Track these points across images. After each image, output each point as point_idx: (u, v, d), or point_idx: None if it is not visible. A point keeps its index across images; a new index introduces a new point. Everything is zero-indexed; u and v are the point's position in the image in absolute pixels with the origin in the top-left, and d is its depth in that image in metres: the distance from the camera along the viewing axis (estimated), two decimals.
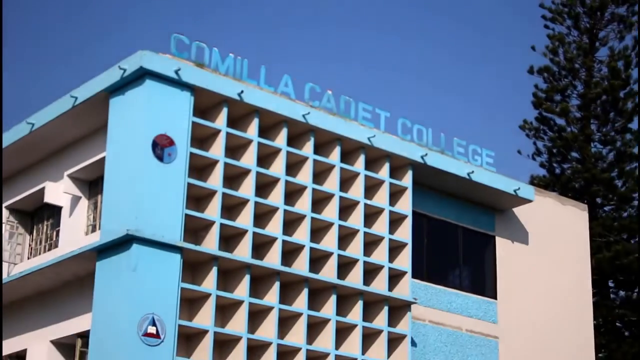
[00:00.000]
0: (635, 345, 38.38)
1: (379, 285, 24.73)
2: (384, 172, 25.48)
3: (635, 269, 39.43)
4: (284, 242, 23.26)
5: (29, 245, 25.84)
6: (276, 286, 22.82)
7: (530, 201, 28.40)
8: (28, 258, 25.56)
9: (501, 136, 66.90)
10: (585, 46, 42.36)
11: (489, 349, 27.27)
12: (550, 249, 29.50)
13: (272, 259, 22.97)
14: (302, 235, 23.65)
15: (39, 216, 25.84)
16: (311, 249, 23.70)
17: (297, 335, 23.03)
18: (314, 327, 23.58)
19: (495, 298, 27.90)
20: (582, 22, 42.74)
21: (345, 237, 24.62)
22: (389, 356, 24.52)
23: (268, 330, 22.58)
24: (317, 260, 24.05)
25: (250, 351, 22.35)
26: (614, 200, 40.77)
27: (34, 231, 25.95)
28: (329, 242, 24.12)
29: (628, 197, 40.46)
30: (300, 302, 23.24)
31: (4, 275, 25.16)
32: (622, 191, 40.51)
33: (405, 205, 25.73)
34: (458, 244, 27.70)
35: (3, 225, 25.67)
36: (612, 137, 41.53)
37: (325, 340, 23.50)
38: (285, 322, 23.13)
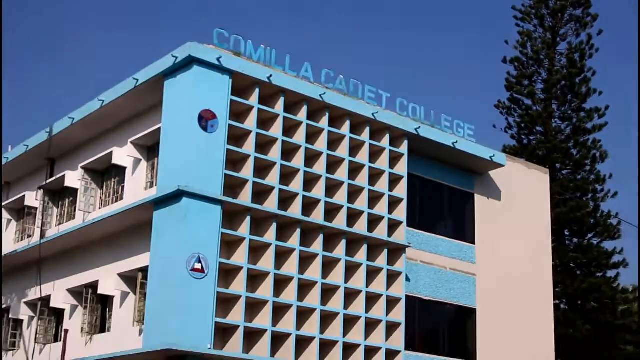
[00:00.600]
0: (585, 282, 38.31)
1: (381, 232, 24.59)
2: (385, 142, 25.25)
3: (586, 221, 39.26)
4: (304, 197, 23.13)
5: (100, 197, 25.74)
6: (298, 232, 22.71)
7: (502, 166, 28.14)
8: (99, 208, 25.48)
9: (480, 113, 66.85)
10: (549, 41, 41.81)
11: (468, 283, 27.13)
12: (518, 204, 29.26)
13: (295, 211, 22.83)
14: (318, 191, 23.50)
15: (108, 174, 25.73)
16: (326, 202, 23.56)
17: (314, 272, 22.95)
18: (328, 265, 23.48)
19: (474, 243, 27.72)
20: (546, 22, 42.16)
21: (353, 193, 24.46)
22: (387, 289, 24.43)
23: (291, 267, 22.51)
24: (331, 212, 23.90)
25: (276, 284, 22.30)
26: (570, 165, 40.43)
27: (104, 186, 25.85)
28: (341, 197, 23.96)
29: (581, 163, 40.16)
30: (317, 245, 23.14)
31: (80, 222, 25.18)
32: (577, 158, 40.19)
33: (401, 168, 25.53)
34: (444, 200, 27.49)
35: (79, 182, 25.61)
36: (569, 115, 41.11)
37: (337, 276, 23.42)
38: (305, 261, 23.03)
